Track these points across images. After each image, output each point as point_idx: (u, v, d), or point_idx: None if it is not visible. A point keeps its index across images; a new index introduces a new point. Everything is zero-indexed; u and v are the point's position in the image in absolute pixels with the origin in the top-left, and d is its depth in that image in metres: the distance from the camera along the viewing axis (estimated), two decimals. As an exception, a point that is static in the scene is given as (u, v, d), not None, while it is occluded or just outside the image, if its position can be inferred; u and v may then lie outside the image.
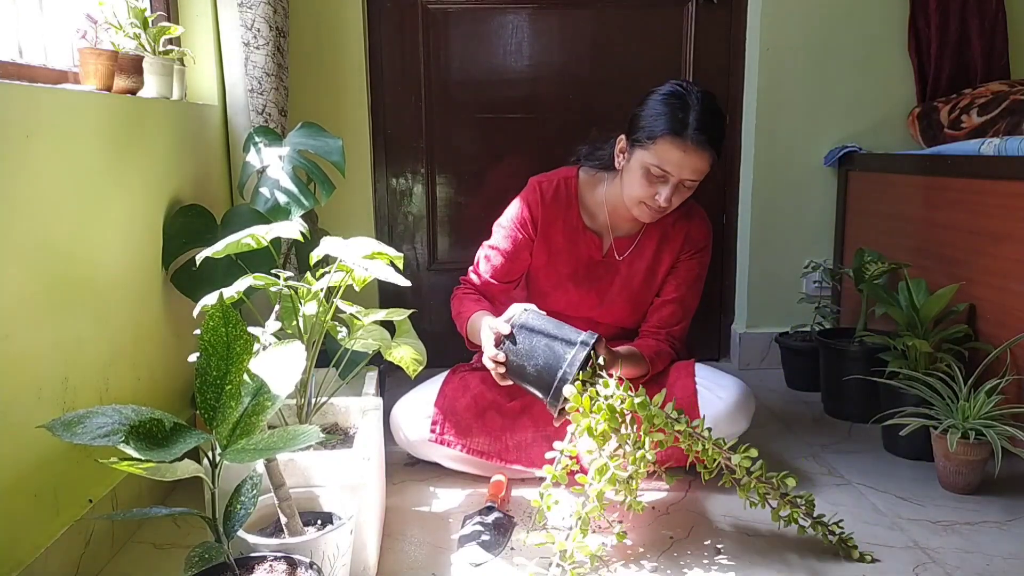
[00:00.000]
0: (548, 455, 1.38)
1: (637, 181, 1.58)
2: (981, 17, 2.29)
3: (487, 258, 1.76)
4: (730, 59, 2.36)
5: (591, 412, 1.31)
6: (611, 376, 1.36)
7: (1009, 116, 2.00)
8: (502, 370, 1.47)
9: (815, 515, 1.36)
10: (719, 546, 1.39)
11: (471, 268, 1.78)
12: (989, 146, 1.78)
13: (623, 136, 1.63)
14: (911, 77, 2.32)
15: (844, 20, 2.28)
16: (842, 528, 1.36)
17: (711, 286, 2.34)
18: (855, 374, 1.89)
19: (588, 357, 1.40)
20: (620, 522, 1.41)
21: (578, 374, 1.38)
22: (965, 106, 2.14)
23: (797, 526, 1.36)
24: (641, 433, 1.30)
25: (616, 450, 1.30)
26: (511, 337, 1.46)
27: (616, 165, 1.66)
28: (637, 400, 1.31)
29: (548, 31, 2.32)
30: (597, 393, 1.33)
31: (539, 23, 2.31)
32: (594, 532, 1.42)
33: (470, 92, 2.33)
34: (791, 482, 1.33)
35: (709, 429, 1.34)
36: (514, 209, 1.75)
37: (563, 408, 1.38)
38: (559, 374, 1.39)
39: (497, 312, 1.60)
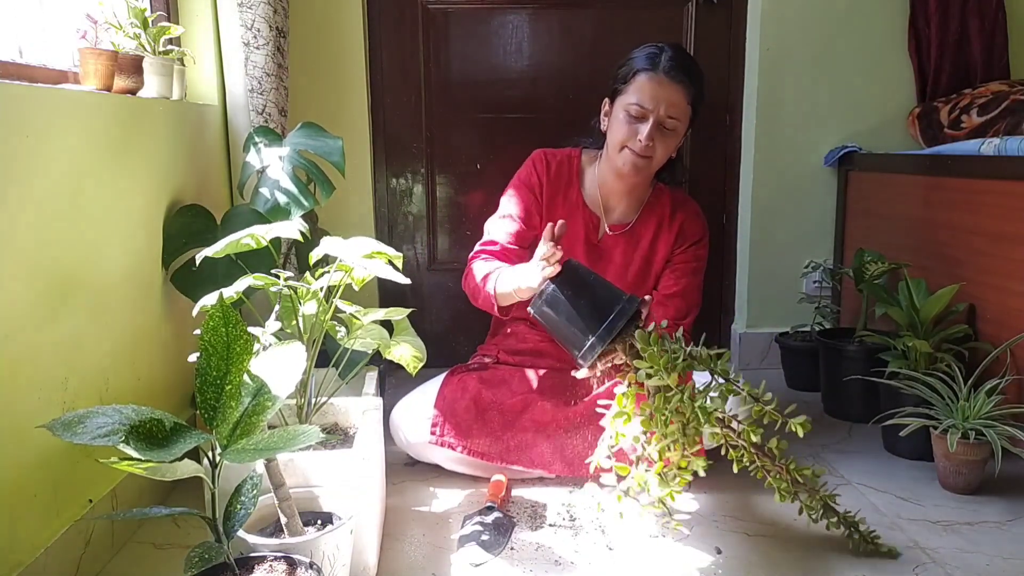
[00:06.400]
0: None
1: (619, 126, 1.63)
2: (981, 17, 2.29)
3: (501, 227, 1.75)
4: (730, 59, 2.36)
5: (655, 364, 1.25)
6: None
7: (1009, 116, 2.00)
8: (553, 269, 1.37)
9: (842, 512, 1.35)
10: (719, 546, 1.39)
11: (480, 242, 1.76)
12: (989, 146, 1.78)
13: (606, 99, 1.70)
14: (911, 77, 2.32)
15: (844, 20, 2.28)
16: (866, 525, 1.35)
17: (711, 286, 2.34)
18: (855, 374, 1.89)
19: (639, 311, 1.36)
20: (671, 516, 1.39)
21: (629, 324, 1.33)
22: (965, 106, 2.14)
23: (826, 522, 1.35)
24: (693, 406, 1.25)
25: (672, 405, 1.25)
26: (565, 271, 1.38)
27: (602, 128, 1.71)
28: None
29: (548, 31, 2.32)
30: (661, 346, 1.27)
31: (539, 23, 2.31)
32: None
33: (470, 92, 2.33)
34: (821, 471, 1.32)
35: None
36: (522, 174, 1.78)
37: (603, 353, 1.34)
38: (617, 307, 1.33)
39: None
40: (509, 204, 1.76)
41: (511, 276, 1.55)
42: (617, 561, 1.34)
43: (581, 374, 1.40)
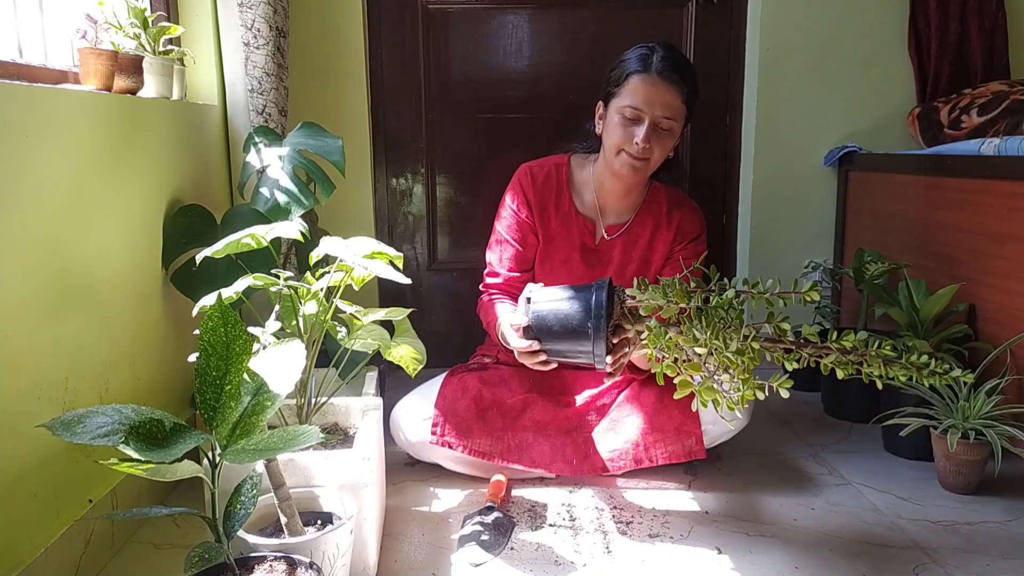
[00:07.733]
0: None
1: (615, 129, 1.62)
2: (981, 17, 2.29)
3: (500, 252, 1.76)
4: (730, 59, 2.36)
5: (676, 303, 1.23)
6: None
7: (1009, 116, 2.01)
8: (542, 357, 1.44)
9: (904, 359, 1.17)
10: (719, 546, 1.39)
11: (485, 273, 1.78)
12: (989, 146, 1.78)
13: (599, 102, 1.69)
14: (911, 77, 2.33)
15: (844, 20, 2.28)
16: (934, 360, 1.15)
17: (711, 286, 2.34)
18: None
19: (613, 292, 1.37)
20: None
21: (610, 308, 1.34)
22: (965, 106, 2.14)
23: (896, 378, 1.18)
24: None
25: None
26: (532, 317, 1.41)
27: (596, 131, 1.70)
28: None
29: (548, 31, 2.32)
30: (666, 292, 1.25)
31: (539, 23, 2.31)
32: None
33: (470, 92, 2.33)
34: (864, 334, 1.20)
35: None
36: (509, 195, 1.77)
37: (616, 341, 1.35)
38: (592, 292, 1.34)
39: None
40: (502, 229, 1.77)
41: (501, 327, 1.62)
42: (617, 561, 1.34)
43: (610, 372, 1.39)
